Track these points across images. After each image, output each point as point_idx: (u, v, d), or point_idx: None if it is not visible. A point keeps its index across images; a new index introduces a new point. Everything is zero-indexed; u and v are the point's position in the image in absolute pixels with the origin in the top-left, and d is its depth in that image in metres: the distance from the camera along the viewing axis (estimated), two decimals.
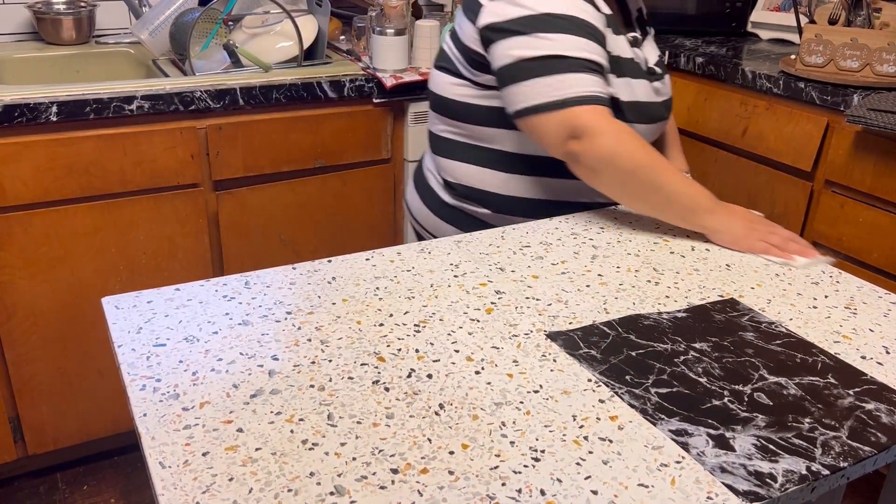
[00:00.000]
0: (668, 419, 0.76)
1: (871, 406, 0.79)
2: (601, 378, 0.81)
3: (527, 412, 0.76)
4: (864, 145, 1.69)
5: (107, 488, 1.86)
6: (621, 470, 0.69)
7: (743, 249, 1.12)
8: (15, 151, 1.54)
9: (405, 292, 0.98)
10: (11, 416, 1.74)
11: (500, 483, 0.67)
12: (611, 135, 1.10)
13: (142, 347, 0.84)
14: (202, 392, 0.77)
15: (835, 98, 1.75)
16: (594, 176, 1.13)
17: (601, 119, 1.10)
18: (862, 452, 0.72)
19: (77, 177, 1.62)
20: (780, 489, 0.67)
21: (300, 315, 0.92)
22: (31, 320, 1.68)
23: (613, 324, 0.92)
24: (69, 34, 1.97)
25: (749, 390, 0.80)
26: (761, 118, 1.93)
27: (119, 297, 0.94)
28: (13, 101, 1.51)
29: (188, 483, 0.66)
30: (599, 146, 1.10)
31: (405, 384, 0.80)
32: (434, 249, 1.10)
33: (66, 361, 1.75)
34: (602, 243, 1.13)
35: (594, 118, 1.10)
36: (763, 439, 0.73)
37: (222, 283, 0.98)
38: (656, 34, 2.38)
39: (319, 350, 0.85)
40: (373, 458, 0.70)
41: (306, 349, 0.85)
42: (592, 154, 1.10)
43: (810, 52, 1.84)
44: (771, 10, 2.33)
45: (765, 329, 0.92)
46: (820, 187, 1.83)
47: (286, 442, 0.71)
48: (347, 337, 0.88)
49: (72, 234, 1.65)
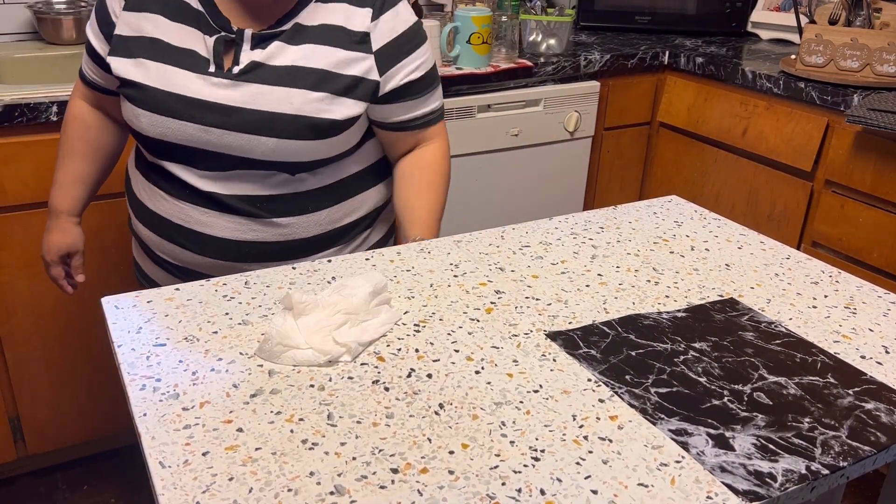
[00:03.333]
0: (668, 419, 0.76)
1: (870, 406, 0.79)
2: (601, 378, 0.82)
3: (527, 412, 0.76)
4: (864, 145, 1.69)
5: (107, 488, 1.86)
6: (621, 469, 0.69)
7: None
8: (15, 151, 1.54)
9: (405, 292, 0.98)
10: (11, 416, 1.74)
11: (500, 483, 0.67)
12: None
13: (142, 347, 0.84)
14: (202, 392, 0.77)
15: (835, 98, 1.76)
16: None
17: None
18: (861, 452, 0.72)
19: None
20: (779, 489, 0.67)
21: None
22: (31, 320, 1.68)
23: (613, 323, 0.92)
24: (69, 34, 1.97)
25: (749, 390, 0.80)
26: (761, 118, 1.93)
27: (119, 297, 0.94)
28: (13, 101, 1.51)
29: (188, 483, 0.66)
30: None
31: (405, 384, 0.80)
32: (434, 249, 1.10)
33: (66, 361, 1.75)
34: (602, 243, 1.13)
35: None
36: (763, 439, 0.73)
37: (222, 282, 0.98)
38: (657, 34, 2.38)
39: None
40: (373, 457, 0.70)
41: None
42: None
43: (810, 52, 1.84)
44: (771, 10, 2.33)
45: (764, 329, 0.92)
46: (820, 187, 1.83)
47: (286, 442, 0.71)
48: None
49: None
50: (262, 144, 1.08)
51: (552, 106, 2.04)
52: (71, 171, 1.30)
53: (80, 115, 1.29)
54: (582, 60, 2.05)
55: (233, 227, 1.14)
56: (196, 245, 1.16)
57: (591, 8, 2.41)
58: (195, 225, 1.15)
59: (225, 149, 1.09)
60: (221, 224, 1.14)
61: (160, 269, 1.23)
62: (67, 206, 1.31)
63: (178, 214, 1.15)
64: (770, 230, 1.96)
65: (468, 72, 1.89)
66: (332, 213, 1.19)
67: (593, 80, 2.10)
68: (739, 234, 1.17)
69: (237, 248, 1.15)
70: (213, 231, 1.14)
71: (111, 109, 1.28)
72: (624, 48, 2.17)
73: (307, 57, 1.10)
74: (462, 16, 1.88)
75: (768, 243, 1.15)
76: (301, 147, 1.10)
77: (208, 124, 1.08)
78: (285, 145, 1.09)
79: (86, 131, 1.29)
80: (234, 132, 1.08)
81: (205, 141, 1.09)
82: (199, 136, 1.09)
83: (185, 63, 1.09)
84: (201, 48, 1.10)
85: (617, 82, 2.15)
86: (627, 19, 2.40)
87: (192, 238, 1.15)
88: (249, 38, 1.09)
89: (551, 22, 2.07)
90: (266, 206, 1.14)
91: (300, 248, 1.18)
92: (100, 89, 1.25)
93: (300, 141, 1.09)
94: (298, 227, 1.16)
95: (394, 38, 1.15)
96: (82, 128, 1.29)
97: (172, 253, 1.18)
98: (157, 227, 1.18)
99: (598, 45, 2.21)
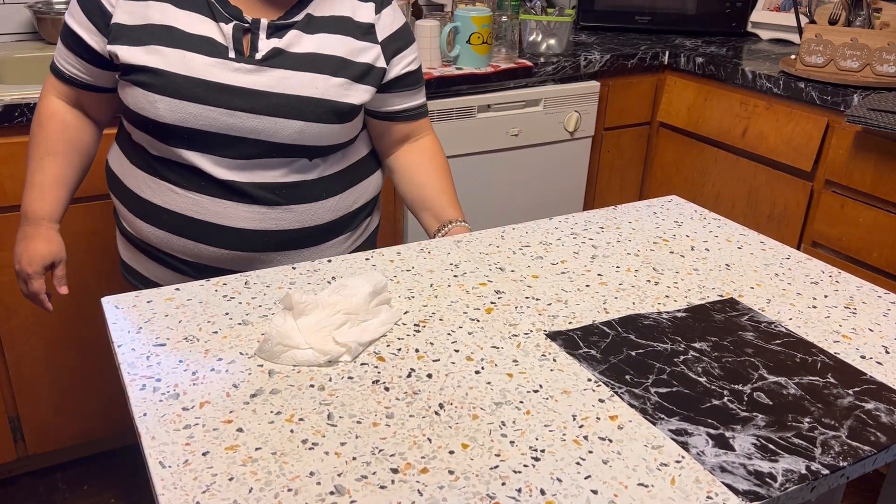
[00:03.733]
0: (668, 419, 0.76)
1: (870, 406, 0.79)
2: (601, 378, 0.82)
3: (527, 412, 0.76)
4: (864, 145, 1.69)
5: (107, 488, 1.86)
6: (621, 469, 0.69)
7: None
8: (15, 151, 1.54)
9: (405, 292, 0.98)
10: (11, 415, 1.74)
11: (500, 483, 0.67)
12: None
13: (142, 347, 0.84)
14: (202, 392, 0.77)
15: (835, 98, 1.76)
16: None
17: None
18: (861, 452, 0.72)
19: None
20: (779, 489, 0.67)
21: None
22: (31, 320, 1.68)
23: (613, 323, 0.92)
24: None
25: (749, 390, 0.80)
26: (761, 118, 1.93)
27: (119, 297, 0.94)
28: (13, 101, 1.51)
29: (188, 483, 0.66)
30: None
31: (405, 384, 0.80)
32: (434, 249, 1.10)
33: (66, 361, 1.75)
34: (602, 243, 1.13)
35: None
36: (763, 439, 0.73)
37: (222, 282, 0.98)
38: (657, 34, 2.39)
39: None
40: (373, 457, 0.70)
41: None
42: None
43: (810, 52, 1.84)
44: (771, 10, 2.33)
45: (764, 329, 0.92)
46: (820, 187, 1.83)
47: (286, 442, 0.71)
48: None
49: (72, 234, 1.65)
50: (289, 127, 1.11)
51: (552, 106, 2.04)
52: (51, 174, 1.22)
53: (58, 114, 1.22)
54: (582, 60, 2.05)
55: (250, 216, 1.15)
56: (211, 238, 1.16)
57: (591, 8, 2.41)
58: (210, 217, 1.14)
59: (250, 133, 1.11)
60: (238, 214, 1.14)
61: (163, 267, 1.22)
62: (48, 211, 1.23)
63: (192, 207, 1.14)
64: (770, 230, 1.96)
65: (468, 72, 1.89)
66: (342, 200, 1.22)
67: (593, 80, 2.10)
68: (739, 234, 1.17)
69: (254, 238, 1.16)
70: (230, 221, 1.15)
71: (89, 107, 1.24)
72: (624, 48, 2.17)
73: (323, 45, 1.14)
74: (462, 16, 1.88)
75: (768, 243, 1.15)
76: (324, 131, 1.14)
77: (234, 108, 1.09)
78: (310, 128, 1.12)
79: (64, 131, 1.22)
80: (261, 115, 1.10)
81: (229, 125, 1.10)
82: (224, 121, 1.10)
83: (205, 49, 1.10)
84: (218, 35, 1.11)
85: (617, 82, 2.15)
86: (627, 19, 2.41)
87: (207, 231, 1.15)
88: (265, 27, 1.12)
89: (551, 22, 2.07)
90: (284, 194, 1.15)
91: (314, 236, 1.20)
92: (80, 85, 1.20)
93: (324, 124, 1.13)
94: (313, 213, 1.18)
95: (395, 31, 1.22)
96: (60, 127, 1.22)
97: (183, 249, 1.17)
98: (164, 224, 1.17)
99: (598, 45, 2.21)
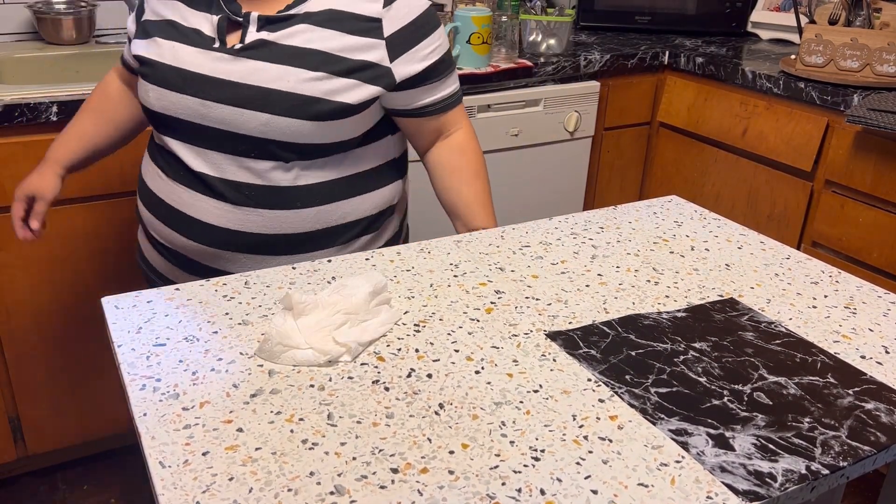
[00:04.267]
0: (668, 419, 0.76)
1: (870, 406, 0.79)
2: (601, 378, 0.82)
3: (527, 412, 0.76)
4: (864, 145, 1.69)
5: (107, 488, 1.86)
6: (621, 469, 0.69)
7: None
8: (15, 151, 1.54)
9: (405, 292, 0.98)
10: (11, 415, 1.74)
11: (500, 483, 0.67)
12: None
13: (142, 347, 0.84)
14: (202, 392, 0.77)
15: (835, 98, 1.76)
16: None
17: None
18: (861, 452, 0.72)
19: (77, 177, 1.61)
20: (779, 489, 0.67)
21: None
22: (31, 320, 1.68)
23: (613, 323, 0.92)
24: (69, 34, 1.97)
25: (749, 390, 0.80)
26: (761, 118, 1.93)
27: (119, 297, 0.94)
28: (13, 101, 1.51)
29: (188, 483, 0.66)
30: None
31: (405, 384, 0.80)
32: (434, 249, 1.10)
33: (66, 361, 1.75)
34: (602, 243, 1.13)
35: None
36: (763, 439, 0.73)
37: (222, 282, 0.98)
38: (657, 34, 2.38)
39: None
40: (373, 457, 0.70)
41: None
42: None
43: (810, 52, 1.84)
44: (771, 10, 2.33)
45: (764, 329, 0.92)
46: (820, 187, 1.83)
47: (286, 442, 0.71)
48: None
49: (72, 233, 1.65)
50: (255, 119, 1.10)
51: (552, 106, 2.04)
52: (78, 127, 1.35)
53: (106, 83, 1.37)
54: (582, 60, 2.05)
55: (218, 212, 1.15)
56: (183, 228, 1.18)
57: (591, 8, 2.41)
58: (184, 207, 1.17)
59: (219, 123, 1.11)
60: (207, 208, 1.15)
61: (156, 252, 1.25)
62: (57, 155, 1.33)
63: (171, 195, 1.18)
64: (770, 230, 1.96)
65: (468, 72, 1.89)
66: (323, 212, 1.18)
67: (593, 80, 2.10)
68: (739, 234, 1.17)
69: (223, 235, 1.16)
70: (199, 214, 1.16)
71: (135, 90, 1.34)
72: (624, 48, 2.17)
73: (312, 40, 1.12)
74: (462, 16, 1.88)
75: (768, 243, 1.15)
76: (293, 126, 1.11)
77: (205, 98, 1.11)
78: (277, 122, 1.10)
79: (104, 96, 1.36)
80: (229, 105, 1.10)
81: (201, 115, 1.12)
82: (197, 110, 1.12)
83: (193, 40, 1.14)
84: (207, 27, 1.15)
85: (617, 82, 2.15)
86: (627, 19, 2.40)
87: (181, 220, 1.17)
88: (255, 20, 1.13)
89: (551, 22, 2.07)
90: (253, 196, 1.14)
91: (286, 244, 1.18)
92: (131, 69, 1.32)
93: (292, 119, 1.10)
94: (284, 221, 1.16)
95: (409, 23, 1.15)
96: (102, 93, 1.36)
97: (167, 236, 1.20)
98: (153, 208, 1.22)
99: (598, 45, 2.21)
